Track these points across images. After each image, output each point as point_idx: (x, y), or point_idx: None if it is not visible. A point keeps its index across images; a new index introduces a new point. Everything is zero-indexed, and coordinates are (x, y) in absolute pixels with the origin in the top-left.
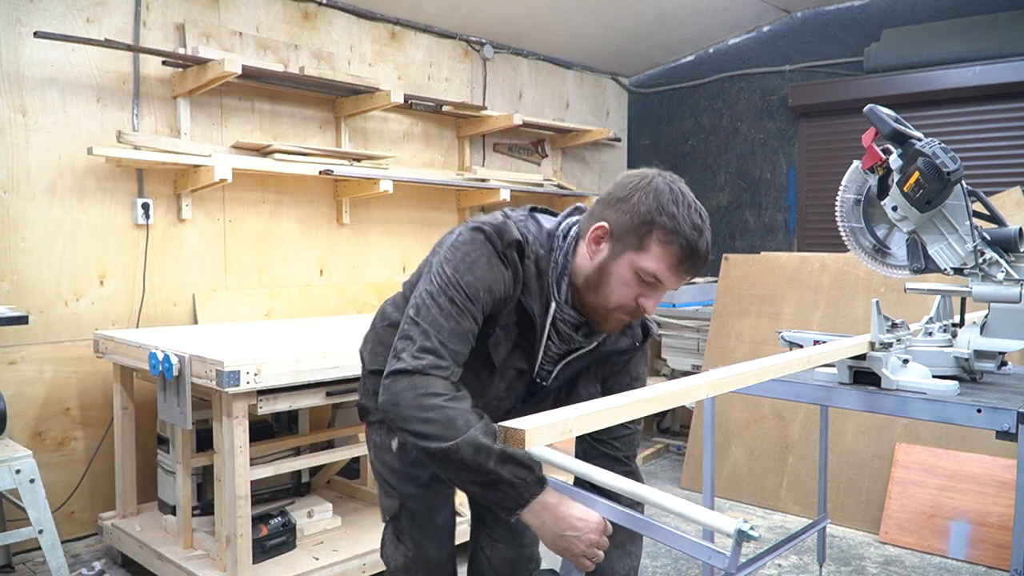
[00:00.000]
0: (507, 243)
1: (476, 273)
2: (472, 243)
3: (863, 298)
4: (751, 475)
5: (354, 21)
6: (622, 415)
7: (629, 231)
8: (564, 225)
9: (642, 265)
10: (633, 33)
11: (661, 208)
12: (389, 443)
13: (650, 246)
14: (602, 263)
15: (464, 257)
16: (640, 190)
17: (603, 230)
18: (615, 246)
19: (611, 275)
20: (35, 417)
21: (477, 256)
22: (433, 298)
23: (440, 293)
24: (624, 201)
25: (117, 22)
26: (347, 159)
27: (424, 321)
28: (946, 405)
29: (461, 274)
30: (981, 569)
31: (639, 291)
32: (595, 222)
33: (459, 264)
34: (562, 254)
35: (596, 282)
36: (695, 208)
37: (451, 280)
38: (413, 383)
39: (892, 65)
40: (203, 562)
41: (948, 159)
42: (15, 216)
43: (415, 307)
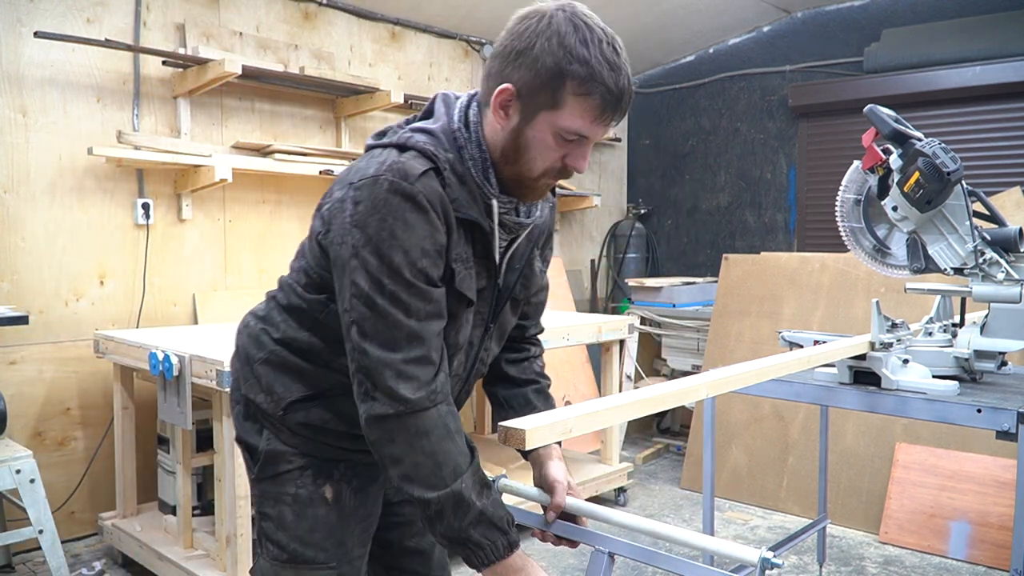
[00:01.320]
0: (415, 179)
1: (402, 244)
2: (377, 206)
3: (863, 298)
4: (751, 475)
5: (354, 21)
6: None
7: (537, 89)
8: (459, 109)
9: (561, 124)
10: (633, 33)
11: (569, 54)
12: (321, 493)
13: (565, 101)
14: (515, 130)
15: (379, 230)
16: (540, 36)
17: (508, 92)
18: (525, 108)
19: (529, 141)
20: (35, 417)
21: (392, 222)
22: (371, 306)
23: (376, 293)
24: (524, 54)
25: (117, 22)
26: (347, 159)
27: (377, 343)
28: (946, 405)
29: (386, 255)
30: (981, 569)
31: (564, 150)
32: (496, 84)
33: (377, 242)
34: (474, 145)
35: (513, 152)
36: (607, 41)
37: (378, 269)
38: (402, 425)
39: (892, 65)
40: (203, 562)
41: (948, 159)
42: (15, 216)
43: (356, 325)
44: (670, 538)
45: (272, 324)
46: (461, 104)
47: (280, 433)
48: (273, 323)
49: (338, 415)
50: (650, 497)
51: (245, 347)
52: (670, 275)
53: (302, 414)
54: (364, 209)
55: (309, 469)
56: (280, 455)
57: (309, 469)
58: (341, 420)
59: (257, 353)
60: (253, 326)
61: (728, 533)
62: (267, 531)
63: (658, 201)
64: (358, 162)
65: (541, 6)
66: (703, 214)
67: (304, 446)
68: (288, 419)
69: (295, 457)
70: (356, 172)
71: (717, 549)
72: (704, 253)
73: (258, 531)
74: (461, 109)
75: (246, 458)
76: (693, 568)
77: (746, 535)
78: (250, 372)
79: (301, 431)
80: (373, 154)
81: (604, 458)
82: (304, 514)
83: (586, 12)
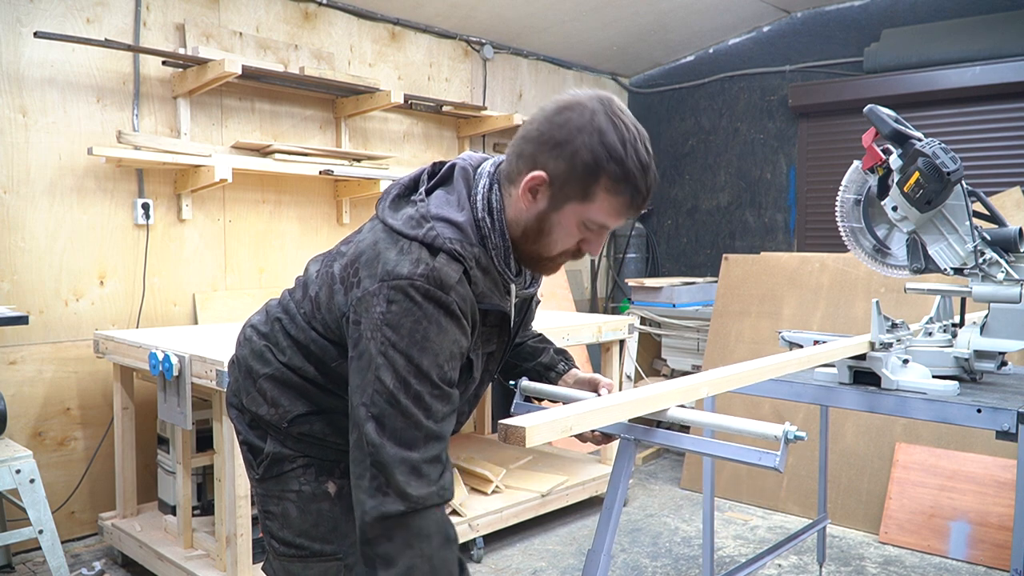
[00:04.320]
0: (450, 288)
1: (432, 347)
2: (412, 310)
3: (863, 298)
4: (751, 475)
5: (354, 21)
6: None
7: (571, 180)
8: (482, 194)
9: (588, 216)
10: (633, 33)
11: (608, 153)
12: (324, 488)
13: (596, 195)
14: (541, 214)
15: (412, 333)
16: (581, 131)
17: (540, 179)
18: (555, 195)
19: (552, 226)
20: (35, 417)
21: (426, 325)
22: (394, 404)
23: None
24: (562, 145)
25: (117, 22)
26: (347, 159)
27: (395, 440)
28: (946, 405)
29: (415, 357)
30: (981, 569)
31: (583, 236)
32: (528, 168)
33: (409, 344)
34: (498, 235)
35: (535, 233)
36: (640, 140)
37: (406, 370)
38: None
39: (892, 65)
40: (203, 562)
41: (948, 159)
42: (15, 216)
43: (375, 420)
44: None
45: (277, 346)
46: (483, 188)
47: (285, 441)
48: (278, 346)
49: (338, 431)
50: (650, 497)
51: (247, 360)
52: (670, 275)
53: (306, 427)
54: (398, 310)
55: (312, 467)
56: (285, 457)
57: (312, 467)
58: (340, 435)
59: (262, 368)
60: (256, 342)
61: (728, 533)
62: (272, 529)
63: (658, 201)
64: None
65: (580, 97)
66: (703, 214)
67: (308, 450)
68: (292, 430)
69: (299, 458)
70: (385, 264)
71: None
72: (704, 253)
73: (263, 530)
74: (484, 195)
75: (248, 459)
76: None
77: (746, 535)
78: (252, 386)
79: (304, 439)
80: (401, 246)
81: (604, 458)
82: (308, 509)
83: (621, 107)
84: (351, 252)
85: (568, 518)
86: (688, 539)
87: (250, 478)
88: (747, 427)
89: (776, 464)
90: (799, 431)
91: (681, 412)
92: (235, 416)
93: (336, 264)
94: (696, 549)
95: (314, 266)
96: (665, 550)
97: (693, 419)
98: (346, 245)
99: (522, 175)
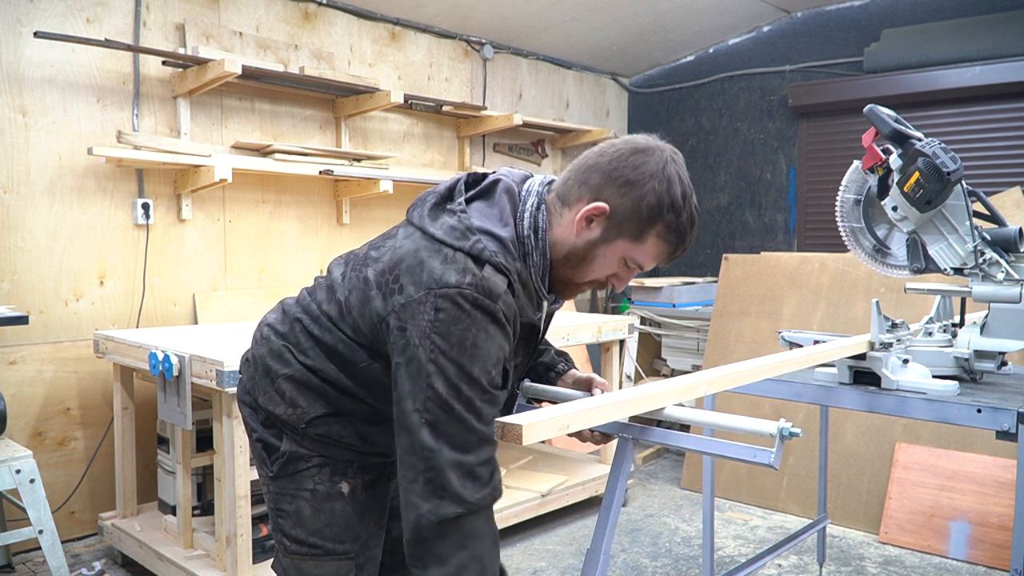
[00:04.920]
0: (498, 297)
1: (481, 354)
2: (461, 318)
3: (863, 298)
4: (751, 475)
5: (354, 21)
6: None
7: (631, 220)
8: (529, 212)
9: (634, 255)
10: (633, 33)
11: (671, 203)
12: (339, 488)
13: (648, 239)
14: (591, 243)
15: (462, 340)
16: (654, 177)
17: (601, 211)
18: (609, 230)
19: (598, 256)
20: (35, 417)
21: (475, 333)
22: (448, 411)
23: (454, 399)
24: (633, 186)
25: (117, 22)
26: (347, 159)
27: (451, 445)
28: (946, 405)
29: (465, 364)
30: (981, 569)
31: (616, 272)
32: (591, 197)
33: (459, 351)
34: (540, 253)
35: (579, 260)
36: (692, 198)
37: (457, 376)
38: (459, 525)
39: (892, 65)
40: (203, 562)
41: (948, 159)
42: (15, 216)
43: (429, 427)
44: (697, 421)
45: (298, 347)
46: (531, 206)
47: (301, 440)
48: (299, 347)
49: (356, 433)
50: (650, 497)
51: (265, 360)
52: (670, 275)
53: (323, 428)
54: (447, 318)
55: (327, 467)
56: (300, 456)
57: (327, 467)
58: (357, 437)
59: (281, 369)
60: (275, 341)
61: (728, 533)
62: (284, 527)
63: None
64: (426, 256)
65: (656, 144)
66: (703, 214)
67: (324, 450)
68: (309, 431)
69: (314, 457)
70: (431, 273)
71: (739, 425)
72: (704, 253)
73: (274, 528)
74: (531, 213)
75: (262, 456)
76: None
77: (746, 535)
78: (270, 385)
79: (321, 440)
80: (446, 256)
81: (604, 458)
82: (322, 508)
83: (684, 167)
84: (387, 258)
85: (568, 518)
86: (688, 539)
87: (262, 475)
88: (742, 424)
89: (771, 461)
90: (794, 427)
91: (677, 411)
92: (248, 414)
93: (369, 270)
94: (696, 549)
95: (338, 269)
96: (665, 550)
97: (689, 417)
98: (377, 250)
99: (582, 201)
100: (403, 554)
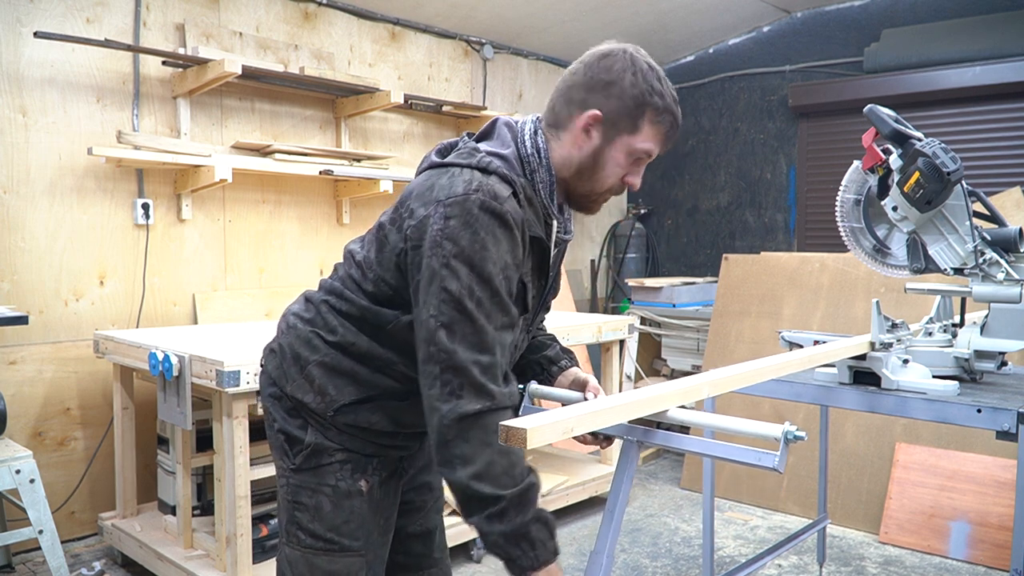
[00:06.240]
0: (504, 200)
1: (491, 256)
2: (470, 221)
3: (863, 298)
4: (751, 475)
5: (354, 21)
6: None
7: (623, 115)
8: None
9: (638, 146)
10: (633, 33)
11: (651, 88)
12: (358, 486)
13: (643, 126)
14: (596, 150)
15: (471, 243)
16: (627, 71)
17: (596, 117)
18: (608, 132)
19: (606, 160)
20: (35, 417)
21: (484, 235)
22: (462, 311)
23: (467, 298)
24: (612, 85)
25: (117, 22)
26: (347, 159)
27: (466, 344)
28: (946, 405)
29: (477, 265)
30: (981, 569)
31: (628, 170)
32: (580, 110)
33: (470, 253)
34: (545, 170)
35: (590, 169)
36: (667, 80)
37: (469, 277)
38: (481, 423)
39: (892, 65)
40: (203, 562)
41: (948, 159)
42: (15, 216)
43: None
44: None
45: (326, 328)
46: (529, 131)
47: (327, 431)
48: (328, 327)
49: (385, 416)
50: (650, 497)
51: (294, 348)
52: (670, 275)
53: (351, 416)
54: (456, 224)
55: (349, 463)
56: (324, 449)
57: (349, 463)
58: (389, 421)
59: (311, 355)
60: (302, 328)
61: (728, 533)
62: (301, 521)
63: (658, 201)
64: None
65: (616, 46)
66: (703, 214)
67: (348, 443)
68: (337, 419)
69: (338, 452)
70: (440, 190)
71: (743, 428)
72: (704, 253)
73: (289, 520)
74: (531, 136)
75: (283, 448)
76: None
77: (746, 535)
78: (299, 372)
79: (347, 430)
80: (453, 173)
81: (604, 459)
82: (342, 505)
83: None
84: (397, 200)
85: (568, 518)
86: (688, 539)
87: (281, 467)
88: (747, 428)
89: (775, 464)
90: (799, 431)
91: (681, 413)
92: (272, 405)
93: (382, 220)
94: (696, 549)
95: (354, 244)
96: (665, 550)
97: (693, 420)
98: (386, 212)
99: (574, 118)
100: (417, 553)
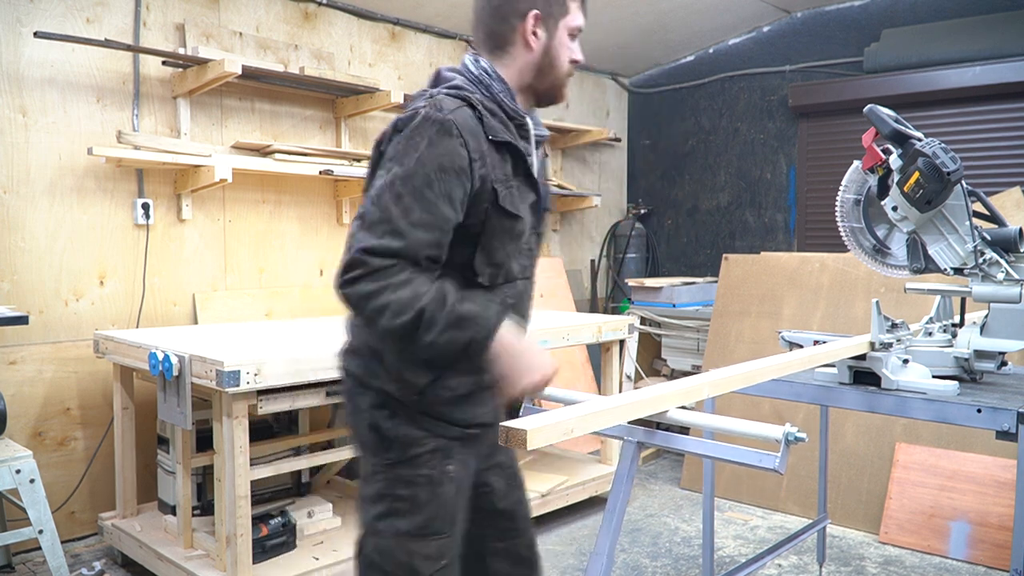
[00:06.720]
0: (449, 110)
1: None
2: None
3: (863, 298)
4: (751, 475)
5: (354, 21)
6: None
7: (552, 3)
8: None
9: (572, 24)
10: (633, 33)
11: None
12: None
13: (569, 6)
14: (547, 46)
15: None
16: None
17: (537, 17)
18: (549, 24)
19: (557, 48)
20: (35, 417)
21: (418, 141)
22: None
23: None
24: None
25: (117, 22)
26: (347, 159)
27: (365, 228)
28: (946, 405)
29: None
30: (981, 569)
31: (571, 48)
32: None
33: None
34: (498, 81)
35: (549, 64)
36: None
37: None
38: (384, 271)
39: (892, 65)
40: (203, 562)
41: (948, 159)
42: (15, 216)
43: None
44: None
45: None
46: (470, 60)
47: (414, 419)
48: None
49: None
50: (650, 497)
51: (369, 344)
52: (670, 275)
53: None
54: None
55: (439, 451)
56: (415, 439)
57: (439, 451)
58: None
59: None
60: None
61: (728, 533)
62: (400, 511)
63: (658, 201)
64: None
65: None
66: (703, 214)
67: (435, 428)
68: (422, 401)
69: (427, 440)
70: (399, 119)
71: (745, 430)
72: (704, 253)
73: (384, 512)
74: (473, 63)
75: (374, 446)
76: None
77: (746, 535)
78: (378, 365)
79: (430, 414)
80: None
81: (604, 459)
82: (436, 493)
83: None
84: None
85: (568, 518)
86: (688, 539)
87: (375, 464)
88: (748, 429)
89: (776, 466)
90: (800, 432)
91: (682, 414)
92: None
93: None
94: (696, 549)
95: None
96: (665, 550)
97: (694, 421)
98: None
99: (516, 29)
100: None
